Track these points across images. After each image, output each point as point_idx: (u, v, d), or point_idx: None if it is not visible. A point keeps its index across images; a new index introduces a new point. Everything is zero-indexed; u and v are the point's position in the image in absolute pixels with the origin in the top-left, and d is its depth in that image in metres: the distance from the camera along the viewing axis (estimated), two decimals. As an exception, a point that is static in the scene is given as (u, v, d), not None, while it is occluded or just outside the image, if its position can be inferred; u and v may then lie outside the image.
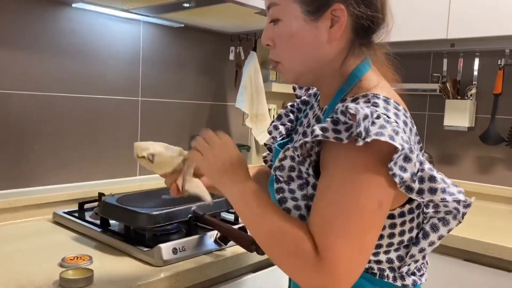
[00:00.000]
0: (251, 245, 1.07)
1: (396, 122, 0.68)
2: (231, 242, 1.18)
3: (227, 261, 1.14)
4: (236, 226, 1.23)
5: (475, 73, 2.07)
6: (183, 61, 1.90)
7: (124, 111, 1.71)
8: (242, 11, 1.49)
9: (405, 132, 0.68)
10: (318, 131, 0.68)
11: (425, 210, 0.77)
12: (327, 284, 0.65)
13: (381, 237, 0.75)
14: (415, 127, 0.77)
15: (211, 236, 1.18)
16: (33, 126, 1.46)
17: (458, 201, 0.72)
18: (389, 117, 0.68)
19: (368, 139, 0.63)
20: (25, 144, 1.45)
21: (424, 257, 0.82)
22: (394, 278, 0.78)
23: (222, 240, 1.18)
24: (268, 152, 1.04)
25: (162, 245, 1.06)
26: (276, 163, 0.77)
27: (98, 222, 1.28)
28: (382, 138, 0.63)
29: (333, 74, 0.79)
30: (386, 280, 0.77)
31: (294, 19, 0.76)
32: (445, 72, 2.15)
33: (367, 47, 0.79)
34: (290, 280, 0.95)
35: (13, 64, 1.40)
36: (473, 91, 2.05)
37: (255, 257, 1.21)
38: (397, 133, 0.65)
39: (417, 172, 0.68)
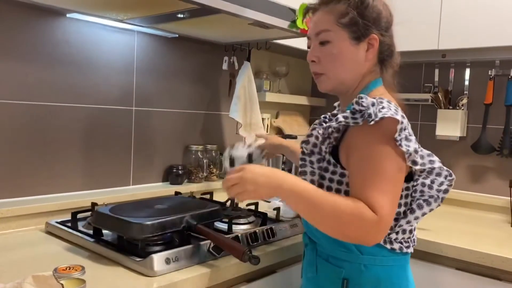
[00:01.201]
0: (244, 255, 1.07)
1: (396, 111, 0.92)
2: (225, 252, 1.19)
3: (221, 271, 1.14)
4: (229, 236, 1.24)
5: (466, 83, 2.10)
6: (177, 71, 1.91)
7: (118, 121, 1.72)
8: (236, 22, 1.51)
9: (404, 118, 0.93)
10: (341, 118, 0.96)
11: (413, 194, 1.01)
12: (384, 233, 0.90)
13: None
14: (410, 128, 0.98)
15: (204, 246, 1.18)
16: (26, 135, 1.46)
17: (439, 190, 1.00)
18: (390, 108, 0.92)
19: (377, 118, 0.89)
20: (18, 154, 1.45)
21: (411, 232, 1.04)
22: (384, 241, 1.00)
23: (215, 250, 1.18)
24: None
25: (155, 255, 1.06)
26: (305, 138, 1.06)
27: (91, 232, 1.28)
28: (387, 115, 0.89)
29: (356, 87, 1.05)
30: None
31: (343, 42, 1.02)
32: (436, 82, 2.18)
33: (382, 68, 1.08)
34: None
35: (6, 73, 1.40)
36: (465, 101, 2.07)
37: (248, 267, 1.21)
38: (397, 113, 0.91)
39: (417, 152, 0.94)
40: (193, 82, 1.98)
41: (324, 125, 1.05)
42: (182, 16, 1.45)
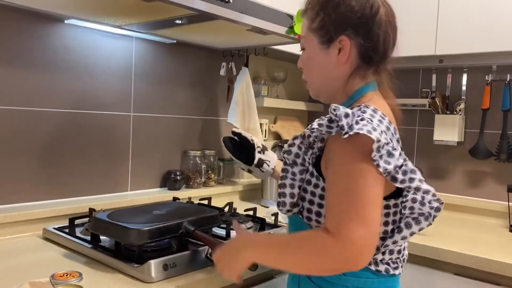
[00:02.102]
0: None
1: (378, 125, 0.83)
2: (222, 258, 1.18)
3: (218, 278, 1.14)
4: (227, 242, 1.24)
5: (464, 88, 2.11)
6: (175, 76, 1.92)
7: (116, 126, 1.72)
8: (233, 28, 1.51)
9: (385, 134, 0.84)
10: (315, 125, 0.88)
11: (402, 211, 0.91)
12: (349, 256, 0.77)
13: None
14: (397, 135, 0.92)
15: (202, 252, 1.18)
16: (23, 141, 1.46)
17: (431, 207, 0.89)
18: (371, 121, 0.83)
19: (351, 132, 0.80)
20: (16, 160, 1.45)
21: (399, 252, 0.95)
22: (369, 263, 0.91)
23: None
24: None
25: (152, 261, 1.06)
26: (285, 148, 0.98)
27: (88, 238, 1.27)
28: (362, 132, 0.79)
29: (341, 92, 0.98)
30: None
31: (313, 47, 0.98)
32: (434, 87, 2.19)
33: (373, 73, 0.97)
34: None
35: (4, 79, 1.41)
36: (462, 106, 2.08)
37: (246, 273, 1.21)
38: (375, 130, 0.80)
39: (401, 166, 0.84)
40: (191, 87, 1.99)
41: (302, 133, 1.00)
42: (180, 22, 1.46)
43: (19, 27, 1.43)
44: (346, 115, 0.83)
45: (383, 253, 0.92)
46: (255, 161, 1.35)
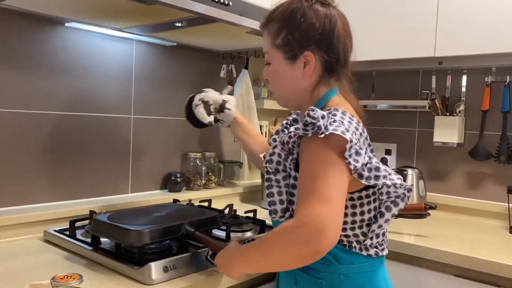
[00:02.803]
0: None
1: (349, 126, 0.90)
2: (222, 260, 1.19)
3: (218, 279, 1.14)
4: (227, 243, 1.24)
5: (463, 89, 2.11)
6: (175, 79, 1.92)
7: (116, 129, 1.72)
8: (233, 31, 1.52)
9: (355, 134, 0.91)
10: (291, 129, 0.96)
11: (380, 197, 1.00)
12: (311, 232, 0.80)
13: (346, 215, 0.96)
14: (366, 133, 0.98)
15: (202, 254, 1.18)
16: (24, 144, 1.46)
17: (405, 188, 0.98)
18: (343, 123, 0.90)
19: (327, 132, 0.87)
20: (16, 162, 1.45)
21: (383, 234, 1.05)
22: (360, 249, 1.00)
23: (213, 258, 1.18)
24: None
25: (152, 264, 1.06)
26: (267, 157, 1.02)
27: (89, 240, 1.28)
28: (336, 132, 0.87)
29: (308, 100, 1.04)
30: (354, 250, 1.00)
31: (278, 63, 1.03)
32: (434, 89, 2.19)
33: (335, 79, 1.04)
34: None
35: (5, 82, 1.41)
36: (462, 107, 2.08)
37: (246, 276, 1.21)
38: (348, 131, 0.88)
39: (367, 164, 0.92)
40: (191, 90, 1.99)
41: (282, 136, 1.05)
42: (180, 25, 1.46)
43: (20, 30, 1.43)
44: (323, 117, 0.90)
45: (371, 238, 1.01)
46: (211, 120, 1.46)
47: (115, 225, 1.18)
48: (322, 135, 0.87)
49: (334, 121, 0.89)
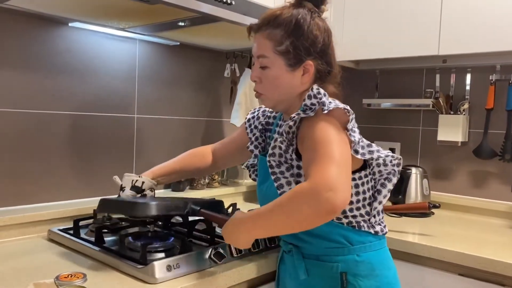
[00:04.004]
0: None
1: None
2: (226, 259, 1.19)
3: (222, 278, 1.14)
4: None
5: (467, 88, 2.10)
6: (178, 78, 1.92)
7: (120, 128, 1.73)
8: (236, 30, 1.51)
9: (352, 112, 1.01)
10: (294, 115, 1.01)
11: (373, 176, 1.10)
12: (322, 190, 0.84)
13: (351, 195, 1.02)
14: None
15: (206, 253, 1.18)
16: (28, 143, 1.47)
17: (393, 164, 1.09)
18: (338, 104, 1.00)
19: (330, 107, 0.97)
20: (20, 162, 1.46)
21: (383, 212, 1.15)
22: (368, 227, 1.09)
23: (216, 257, 1.18)
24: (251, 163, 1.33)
25: (156, 263, 1.06)
26: (270, 151, 1.07)
27: (93, 239, 1.28)
28: (340, 106, 0.99)
29: (298, 102, 1.10)
30: (363, 229, 1.08)
31: (279, 68, 1.08)
32: (437, 87, 2.18)
33: (322, 85, 1.10)
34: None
35: (9, 82, 1.42)
36: (466, 106, 2.07)
37: (249, 274, 1.22)
38: (346, 107, 1.00)
39: (359, 142, 1.01)
40: (194, 89, 1.99)
41: (281, 130, 1.08)
42: (183, 24, 1.46)
43: (24, 30, 1.44)
44: (325, 95, 1.01)
45: (374, 216, 1.10)
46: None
47: (123, 200, 1.18)
48: (326, 111, 0.97)
49: (330, 102, 1.00)
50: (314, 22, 1.07)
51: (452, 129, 2.08)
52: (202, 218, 1.41)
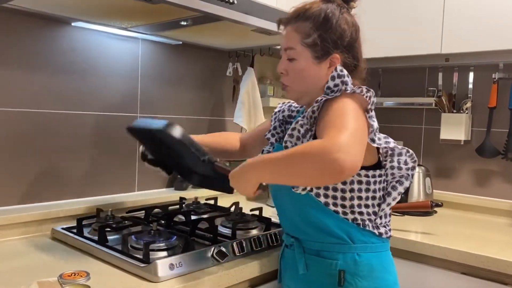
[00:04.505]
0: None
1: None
2: (228, 257, 1.20)
3: (224, 277, 1.14)
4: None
5: (470, 86, 2.10)
6: (181, 77, 1.93)
7: (123, 127, 1.72)
8: (238, 29, 1.52)
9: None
10: (319, 98, 1.02)
11: (385, 178, 1.10)
12: (334, 150, 0.83)
13: (360, 190, 1.05)
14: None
15: (208, 251, 1.18)
16: (32, 143, 1.48)
17: (408, 168, 1.10)
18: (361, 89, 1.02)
19: (353, 88, 1.01)
20: (24, 161, 1.46)
21: (390, 215, 1.14)
22: (373, 227, 1.08)
23: (219, 256, 1.18)
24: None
25: (158, 261, 1.07)
26: (289, 132, 1.06)
27: (96, 238, 1.29)
28: (362, 87, 1.01)
29: (321, 94, 1.08)
30: (367, 228, 1.07)
31: (306, 60, 1.09)
32: (440, 86, 2.18)
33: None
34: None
35: (12, 82, 1.42)
36: (469, 104, 2.07)
37: (252, 273, 1.22)
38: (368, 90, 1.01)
39: (377, 130, 1.02)
40: (197, 88, 2.00)
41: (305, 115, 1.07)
42: (185, 23, 1.47)
43: (27, 30, 1.45)
44: (348, 76, 1.05)
45: (381, 217, 1.10)
46: None
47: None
48: (349, 90, 1.01)
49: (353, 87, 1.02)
50: (342, 17, 1.08)
51: (454, 128, 2.08)
52: (204, 217, 1.42)
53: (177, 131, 1.13)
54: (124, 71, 1.72)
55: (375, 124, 1.01)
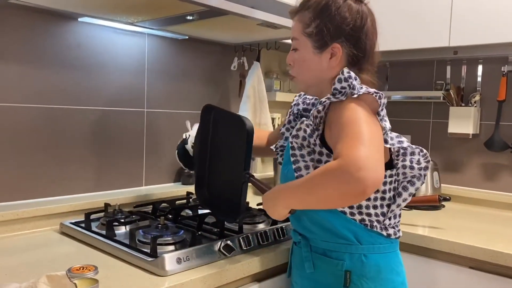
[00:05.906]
0: None
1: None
2: (235, 251, 1.20)
3: (231, 271, 1.15)
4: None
5: (479, 79, 2.08)
6: (187, 72, 1.93)
7: (130, 122, 1.74)
8: (244, 23, 1.51)
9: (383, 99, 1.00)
10: (324, 99, 1.00)
11: (396, 178, 1.07)
12: (352, 171, 0.82)
13: None
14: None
15: (216, 245, 1.19)
16: (40, 138, 1.49)
17: (420, 168, 1.06)
18: (369, 90, 0.99)
19: (360, 92, 0.97)
20: (32, 156, 1.48)
21: (400, 216, 1.11)
22: (381, 228, 1.06)
23: (226, 250, 1.19)
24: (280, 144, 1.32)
25: (166, 255, 1.07)
26: (294, 132, 1.06)
27: (104, 232, 1.30)
28: (370, 91, 0.98)
29: (329, 87, 1.06)
30: (375, 229, 1.05)
31: (306, 50, 1.08)
32: (448, 79, 2.16)
33: (357, 70, 1.07)
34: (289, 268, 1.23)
35: (20, 77, 1.43)
36: (477, 98, 2.05)
37: (259, 267, 1.22)
38: (377, 93, 0.98)
39: (389, 131, 1.01)
40: (203, 83, 2.00)
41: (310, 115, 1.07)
42: (191, 18, 1.46)
43: (33, 26, 1.45)
44: (355, 78, 1.00)
45: (389, 218, 1.07)
46: None
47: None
48: (356, 95, 0.96)
49: (361, 87, 0.99)
50: (345, 4, 1.04)
51: (463, 121, 2.06)
52: (210, 212, 1.43)
53: (251, 131, 1.18)
54: (130, 66, 1.72)
55: (388, 124, 1.00)
